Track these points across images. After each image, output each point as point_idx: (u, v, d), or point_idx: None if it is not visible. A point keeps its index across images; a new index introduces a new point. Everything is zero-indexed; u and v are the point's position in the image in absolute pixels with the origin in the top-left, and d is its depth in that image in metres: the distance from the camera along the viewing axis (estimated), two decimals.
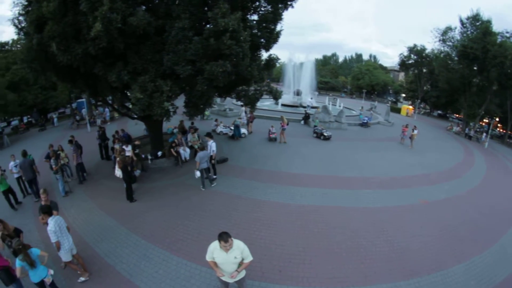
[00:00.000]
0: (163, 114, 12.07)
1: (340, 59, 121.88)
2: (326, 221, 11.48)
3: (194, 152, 17.24)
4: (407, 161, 20.92)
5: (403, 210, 12.95)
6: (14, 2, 13.19)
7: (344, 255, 9.53)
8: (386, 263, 9.29)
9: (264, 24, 14.80)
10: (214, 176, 14.92)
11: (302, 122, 30.94)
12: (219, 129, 24.81)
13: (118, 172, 13.81)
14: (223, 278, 6.26)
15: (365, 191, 14.54)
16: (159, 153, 17.59)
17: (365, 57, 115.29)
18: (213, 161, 14.75)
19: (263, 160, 18.25)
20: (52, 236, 7.77)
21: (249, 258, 6.09)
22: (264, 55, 16.31)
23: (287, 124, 22.75)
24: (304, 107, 37.69)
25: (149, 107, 11.64)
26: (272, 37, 15.24)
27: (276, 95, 16.95)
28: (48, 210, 8.12)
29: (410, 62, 59.68)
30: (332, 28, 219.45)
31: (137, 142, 16.51)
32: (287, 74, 50.82)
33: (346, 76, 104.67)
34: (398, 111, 56.26)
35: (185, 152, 17.57)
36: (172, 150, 17.15)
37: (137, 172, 15.06)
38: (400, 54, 60.38)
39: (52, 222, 7.79)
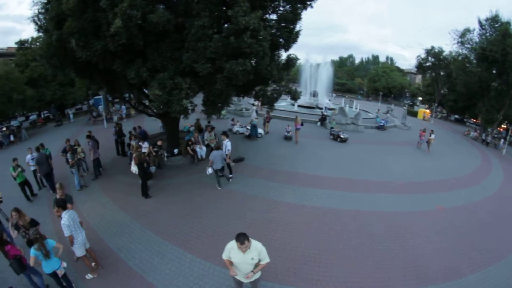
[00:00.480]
0: (182, 111, 12.05)
1: (357, 61, 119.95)
2: (342, 224, 11.34)
3: (210, 151, 17.12)
4: (424, 165, 20.57)
5: (419, 216, 12.68)
6: (33, 1, 13.32)
7: (359, 259, 9.37)
8: (402, 269, 9.10)
9: (283, 24, 14.64)
10: (230, 175, 14.87)
11: (319, 123, 30.66)
12: (236, 128, 24.77)
13: (134, 168, 13.88)
14: (238, 277, 6.19)
15: (382, 195, 14.31)
16: (176, 151, 17.63)
17: (382, 59, 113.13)
18: (228, 160, 14.65)
19: (279, 160, 18.14)
20: (65, 230, 7.80)
21: (266, 259, 5.99)
22: (283, 55, 16.19)
23: (302, 124, 22.66)
24: (321, 108, 37.31)
25: (168, 104, 11.59)
26: (292, 37, 15.08)
27: (295, 96, 16.76)
28: (63, 204, 8.17)
29: (427, 64, 58.34)
30: (348, 29, 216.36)
31: (159, 143, 16.52)
32: (304, 75, 50.39)
33: (363, 78, 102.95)
34: (414, 114, 54.84)
35: (201, 150, 17.57)
36: (188, 148, 17.19)
37: (153, 169, 15.07)
38: (418, 56, 59.19)
39: (66, 216, 7.82)
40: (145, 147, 15.53)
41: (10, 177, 14.16)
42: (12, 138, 31.02)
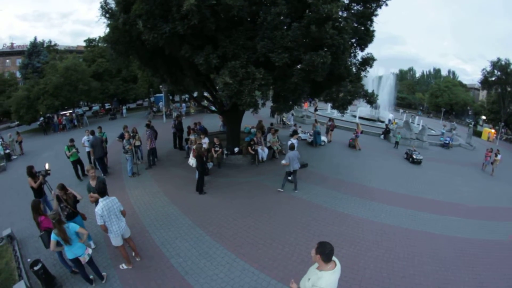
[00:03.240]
0: (252, 104, 10.87)
1: (417, 74, 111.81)
2: (413, 246, 9.66)
3: (272, 153, 16.73)
4: (493, 190, 17.99)
5: (492, 245, 10.64)
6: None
7: None
8: None
9: (356, 25, 13.31)
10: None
11: (382, 136, 28.84)
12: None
13: (192, 161, 13.18)
14: None
15: (453, 218, 12.35)
16: (236, 149, 16.83)
17: (444, 72, 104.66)
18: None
19: (344, 170, 16.77)
20: (98, 219, 6.97)
21: None
22: (359, 54, 14.73)
23: (361, 132, 21.90)
24: (382, 121, 35.59)
25: (238, 95, 10.53)
26: (368, 35, 13.71)
27: (371, 99, 15.14)
28: (102, 191, 7.17)
29: (493, 79, 51.87)
30: (406, 41, 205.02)
31: (216, 141, 15.85)
32: (365, 87, 47.88)
33: (423, 93, 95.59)
34: (478, 134, 49.92)
35: (263, 152, 16.57)
36: (250, 148, 16.34)
37: (210, 165, 14.37)
38: (483, 70, 51.76)
39: (101, 205, 6.93)
40: (204, 142, 14.86)
41: (65, 155, 14.15)
42: (75, 122, 34.82)
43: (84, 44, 49.76)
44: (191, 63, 12.03)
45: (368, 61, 14.40)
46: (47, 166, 9.79)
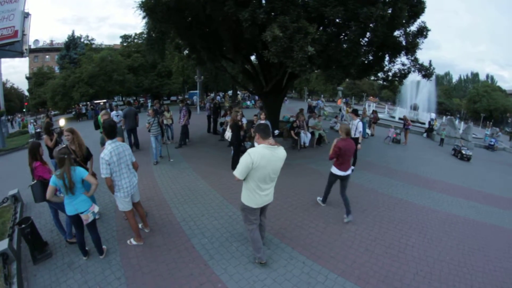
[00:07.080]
0: (304, 61, 9.04)
1: (454, 79, 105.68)
2: (486, 239, 7.76)
3: (316, 140, 15.80)
4: None
5: None
6: None
7: None
8: None
9: None
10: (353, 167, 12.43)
11: (425, 135, 27.10)
12: (338, 126, 22.04)
13: (228, 133, 11.79)
14: None
15: None
16: (276, 132, 15.34)
17: (482, 77, 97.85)
18: (359, 146, 11.80)
19: (394, 160, 15.14)
20: (102, 169, 5.12)
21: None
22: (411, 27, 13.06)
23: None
24: (422, 123, 34.00)
25: (287, 51, 8.92)
26: (420, 2, 11.98)
27: (427, 73, 13.20)
28: (110, 131, 5.30)
29: None
30: (441, 46, 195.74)
31: (255, 120, 14.83)
32: (404, 89, 45.93)
33: (461, 99, 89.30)
34: None
35: (305, 137, 15.15)
36: (292, 131, 14.96)
37: (248, 144, 12.86)
38: None
39: (109, 148, 5.18)
40: (244, 123, 13.59)
41: (91, 134, 13.62)
42: (108, 110, 32.92)
43: (120, 43, 51.04)
44: (231, 32, 11.18)
45: (422, 31, 12.54)
46: (61, 123, 8.47)
